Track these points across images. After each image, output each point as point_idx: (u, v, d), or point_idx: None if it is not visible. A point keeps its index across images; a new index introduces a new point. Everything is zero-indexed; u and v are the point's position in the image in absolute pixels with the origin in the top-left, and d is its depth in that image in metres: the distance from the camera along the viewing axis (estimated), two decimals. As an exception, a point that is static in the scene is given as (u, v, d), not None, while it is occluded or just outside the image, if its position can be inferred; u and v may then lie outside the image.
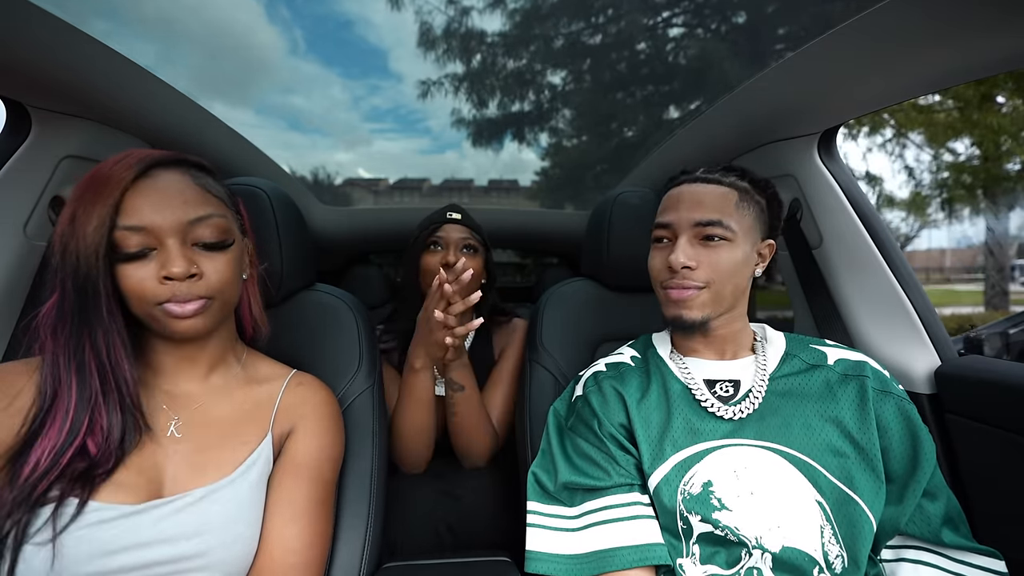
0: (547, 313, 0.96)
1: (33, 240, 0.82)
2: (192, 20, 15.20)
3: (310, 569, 0.57)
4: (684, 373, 0.66)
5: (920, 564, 0.58)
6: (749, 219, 0.64)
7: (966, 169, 5.94)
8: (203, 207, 0.55)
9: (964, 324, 6.01)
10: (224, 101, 19.29)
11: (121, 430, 0.52)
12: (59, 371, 0.51)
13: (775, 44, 5.99)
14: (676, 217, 0.64)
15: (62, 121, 0.81)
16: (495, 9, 6.93)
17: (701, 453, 0.59)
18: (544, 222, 1.95)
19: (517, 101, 7.46)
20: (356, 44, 26.74)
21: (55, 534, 0.46)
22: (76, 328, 0.51)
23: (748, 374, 0.65)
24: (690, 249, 0.63)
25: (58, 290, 0.51)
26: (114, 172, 0.51)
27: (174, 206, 0.52)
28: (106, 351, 0.52)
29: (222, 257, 0.56)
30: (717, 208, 0.63)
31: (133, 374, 0.53)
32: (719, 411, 0.61)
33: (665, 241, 0.67)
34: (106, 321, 0.51)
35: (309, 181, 9.72)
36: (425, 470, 1.01)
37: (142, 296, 0.52)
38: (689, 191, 0.65)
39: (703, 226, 0.62)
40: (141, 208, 0.51)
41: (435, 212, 1.06)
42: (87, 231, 0.49)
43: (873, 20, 0.63)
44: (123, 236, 0.50)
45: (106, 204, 0.49)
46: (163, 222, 0.51)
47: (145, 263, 0.52)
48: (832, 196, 0.95)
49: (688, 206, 0.64)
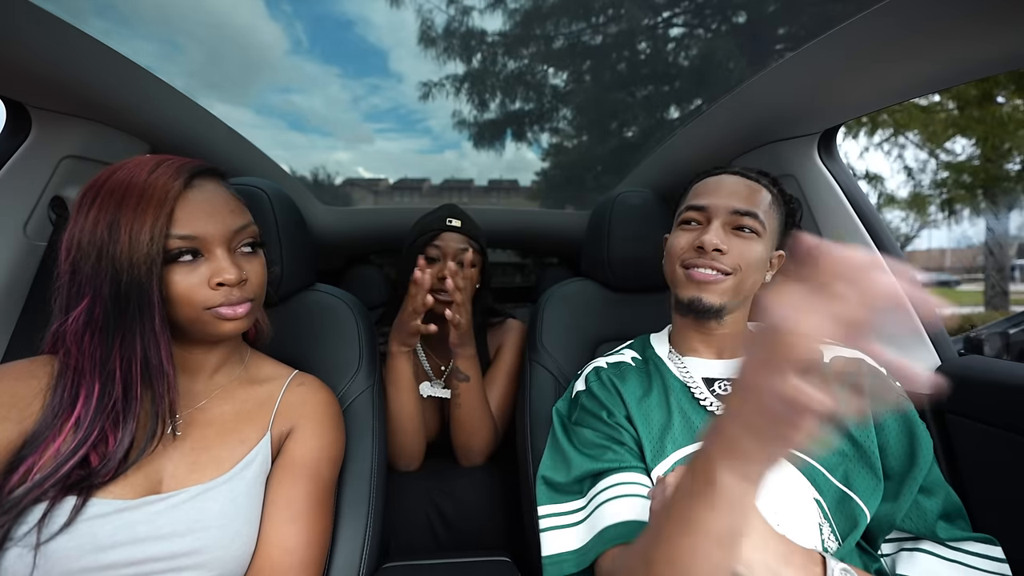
0: (547, 313, 0.96)
1: (33, 240, 0.82)
2: (192, 19, 15.21)
3: (309, 569, 0.57)
4: (683, 372, 0.67)
5: (917, 552, 0.58)
6: (775, 222, 0.67)
7: (966, 169, 5.94)
8: (243, 216, 0.59)
9: (964, 324, 6.01)
10: (224, 101, 19.31)
11: (131, 442, 0.51)
12: (81, 379, 0.51)
13: (775, 44, 5.99)
14: (714, 202, 0.66)
15: (62, 121, 0.81)
16: (495, 8, 6.94)
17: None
18: (544, 222, 1.95)
19: (517, 101, 7.47)
20: (356, 44, 26.75)
21: (39, 541, 0.45)
22: (110, 335, 0.51)
23: None
24: (722, 234, 0.64)
25: (88, 297, 0.50)
26: (157, 181, 0.51)
27: (223, 215, 0.55)
28: (143, 357, 0.52)
29: (258, 261, 0.60)
30: (754, 201, 0.65)
31: (175, 380, 0.54)
32: (718, 409, 0.62)
33: (695, 224, 0.68)
34: (157, 327, 0.51)
35: (309, 181, 9.74)
36: (424, 470, 1.01)
37: (191, 301, 0.53)
38: (730, 180, 0.67)
39: (740, 215, 0.64)
40: (194, 218, 0.53)
41: (433, 215, 1.04)
42: (139, 240, 0.49)
43: (873, 20, 0.63)
44: (176, 245, 0.52)
45: (159, 214, 0.50)
46: (214, 231, 0.54)
47: (193, 269, 0.53)
48: (832, 196, 0.95)
49: (727, 193, 0.66)
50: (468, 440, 0.98)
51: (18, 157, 0.79)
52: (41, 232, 0.83)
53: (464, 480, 1.00)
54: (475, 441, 0.98)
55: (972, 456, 0.77)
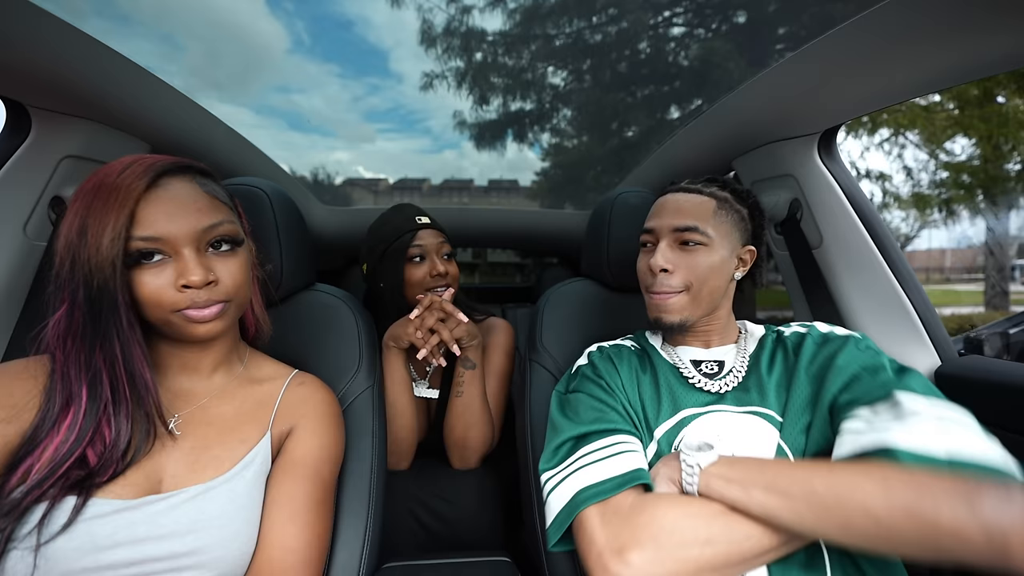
0: (547, 313, 0.96)
1: (33, 240, 0.82)
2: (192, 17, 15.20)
3: (308, 568, 0.57)
4: (673, 356, 0.72)
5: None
6: (727, 226, 0.69)
7: (966, 169, 5.94)
8: (214, 214, 0.56)
9: (964, 324, 6.01)
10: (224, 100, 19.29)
11: (127, 440, 0.52)
12: (70, 382, 0.51)
13: (775, 44, 5.99)
14: (658, 223, 0.71)
15: (62, 121, 0.81)
16: (495, 8, 6.93)
17: (689, 418, 0.65)
18: (544, 222, 1.95)
19: (518, 100, 7.47)
20: (356, 44, 26.75)
21: (39, 542, 0.45)
22: (88, 339, 0.51)
23: (731, 356, 0.71)
24: (669, 253, 0.69)
25: (67, 302, 0.50)
26: (123, 182, 0.50)
27: (188, 215, 0.53)
28: (123, 360, 0.51)
29: (234, 261, 0.58)
30: (694, 215, 0.68)
31: (154, 381, 0.54)
32: (704, 385, 0.67)
33: (649, 246, 0.73)
34: (125, 331, 0.51)
35: (309, 181, 9.73)
36: (412, 469, 1.00)
37: (159, 304, 0.52)
38: (672, 199, 0.72)
39: (680, 231, 0.68)
40: (155, 219, 0.51)
41: (398, 216, 1.02)
42: (101, 243, 0.48)
43: (873, 20, 0.63)
44: (138, 246, 0.51)
45: (120, 215, 0.49)
46: (178, 232, 0.52)
47: (161, 271, 0.52)
48: (832, 196, 0.95)
49: (669, 213, 0.70)
50: (465, 434, 0.97)
51: (18, 157, 0.79)
52: (41, 232, 0.83)
53: (452, 481, 0.99)
54: (472, 436, 0.97)
55: None
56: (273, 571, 0.55)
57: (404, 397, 0.96)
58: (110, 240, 0.49)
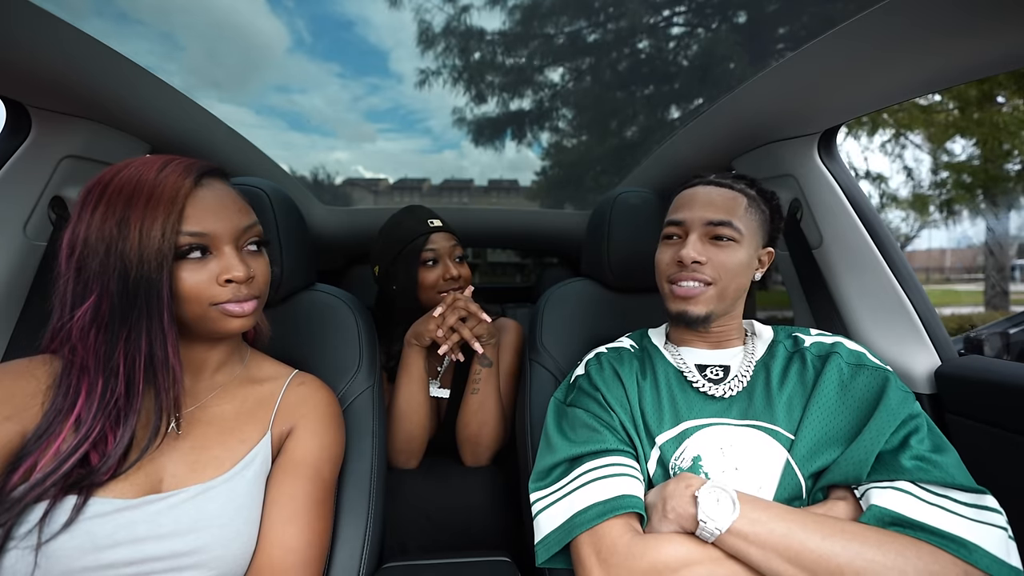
0: (547, 313, 0.96)
1: (33, 240, 0.82)
2: (192, 16, 15.19)
3: (309, 568, 0.57)
4: (677, 359, 0.70)
5: (891, 489, 0.53)
6: (754, 225, 0.68)
7: (966, 169, 5.94)
8: (249, 215, 0.60)
9: (964, 324, 6.01)
10: (224, 100, 19.30)
11: (131, 440, 0.52)
12: (83, 376, 0.51)
13: (775, 44, 5.98)
14: (689, 215, 0.68)
15: (62, 121, 0.81)
16: (494, 7, 6.93)
17: (691, 429, 0.63)
18: (544, 222, 1.95)
19: (517, 99, 7.47)
20: (356, 44, 26.73)
21: (40, 541, 0.45)
22: (115, 330, 0.51)
23: (737, 360, 0.69)
24: (700, 246, 0.66)
25: (95, 294, 0.50)
26: (167, 179, 0.52)
27: (231, 214, 0.56)
28: (148, 353, 0.52)
29: (263, 260, 0.61)
30: (728, 210, 0.66)
31: (181, 374, 0.55)
32: (709, 391, 0.65)
33: (675, 238, 0.70)
34: (166, 323, 0.52)
35: (309, 181, 9.74)
36: (422, 468, 1.01)
37: (199, 298, 0.54)
38: (703, 192, 0.69)
39: (714, 225, 0.66)
40: (203, 216, 0.54)
41: (410, 218, 1.03)
42: (150, 236, 0.50)
43: (873, 20, 0.63)
44: (186, 241, 0.53)
45: (171, 211, 0.51)
46: (223, 229, 0.55)
47: (202, 266, 0.54)
48: (832, 196, 0.95)
49: (701, 206, 0.67)
50: (479, 431, 0.98)
51: (18, 157, 0.79)
52: (41, 232, 0.83)
53: (463, 479, 1.00)
54: (486, 433, 0.98)
55: (972, 456, 0.77)
56: (273, 571, 0.55)
57: (421, 395, 0.96)
58: (161, 234, 0.50)
